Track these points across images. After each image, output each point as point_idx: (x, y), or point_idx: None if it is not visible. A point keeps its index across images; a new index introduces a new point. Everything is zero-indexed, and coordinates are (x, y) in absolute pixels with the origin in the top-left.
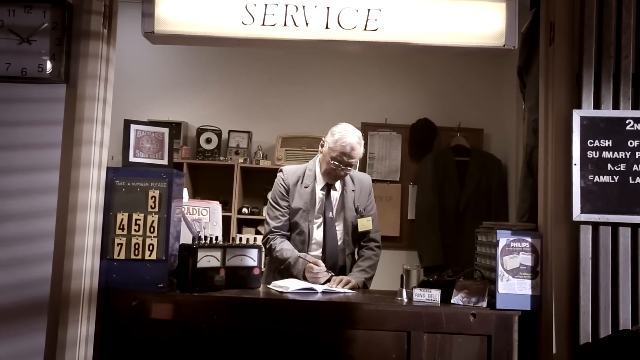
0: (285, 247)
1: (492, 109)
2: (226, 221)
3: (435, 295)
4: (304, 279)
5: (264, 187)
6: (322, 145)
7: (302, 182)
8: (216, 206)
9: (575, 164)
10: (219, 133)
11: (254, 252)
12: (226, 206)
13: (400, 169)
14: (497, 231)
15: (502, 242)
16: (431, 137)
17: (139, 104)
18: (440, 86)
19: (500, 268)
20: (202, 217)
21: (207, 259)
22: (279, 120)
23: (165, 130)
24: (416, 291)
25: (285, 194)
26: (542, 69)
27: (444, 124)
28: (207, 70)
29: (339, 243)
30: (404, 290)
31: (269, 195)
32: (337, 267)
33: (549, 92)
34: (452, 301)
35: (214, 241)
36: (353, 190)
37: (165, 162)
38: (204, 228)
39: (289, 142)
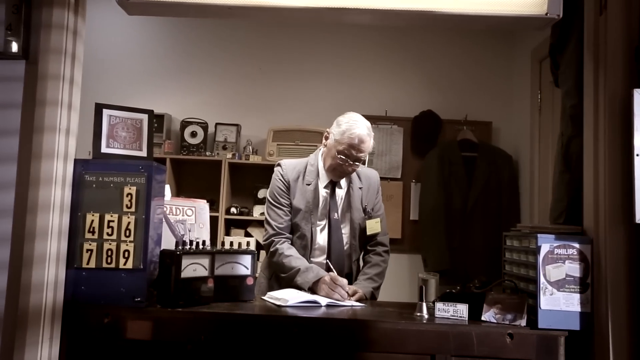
0: (294, 255)
1: (502, 100)
2: (213, 222)
3: (461, 310)
4: (311, 291)
5: (254, 184)
6: (327, 138)
7: (303, 179)
8: (203, 205)
9: (637, 155)
10: (205, 126)
11: (246, 259)
12: (213, 206)
13: (402, 166)
14: (538, 236)
15: (544, 248)
16: (435, 130)
17: (116, 94)
18: (445, 76)
19: (542, 279)
20: (187, 218)
21: (193, 268)
22: (270, 113)
23: (144, 117)
24: (439, 306)
25: (286, 190)
26: (588, 43)
27: (449, 116)
28: (193, 57)
29: (345, 248)
30: (424, 305)
31: (267, 194)
32: (342, 275)
33: (599, 70)
34: (482, 318)
35: (200, 246)
36: (360, 188)
37: (143, 153)
38: (189, 231)
39: (281, 136)
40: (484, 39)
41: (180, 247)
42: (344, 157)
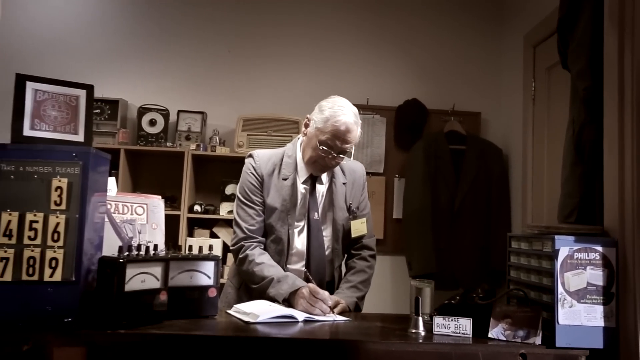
0: (267, 262)
1: (492, 89)
2: (174, 222)
3: (465, 326)
4: (288, 303)
5: (222, 179)
6: (307, 125)
7: (279, 173)
8: (157, 202)
9: None
10: (165, 114)
11: (209, 266)
12: (174, 203)
13: (385, 159)
14: (556, 237)
15: (563, 252)
16: (421, 121)
17: (61, 76)
18: (432, 62)
19: (560, 289)
20: (138, 217)
21: (141, 278)
22: (239, 99)
23: (81, 93)
24: (438, 320)
25: (258, 186)
26: (610, 11)
27: (436, 106)
28: (152, 36)
29: (327, 253)
30: (420, 320)
31: (237, 190)
32: (323, 284)
33: (624, 43)
34: (489, 335)
35: (151, 251)
36: (344, 184)
37: (80, 138)
38: (140, 233)
39: (252, 126)
40: (473, 22)
41: (124, 253)
42: (326, 149)
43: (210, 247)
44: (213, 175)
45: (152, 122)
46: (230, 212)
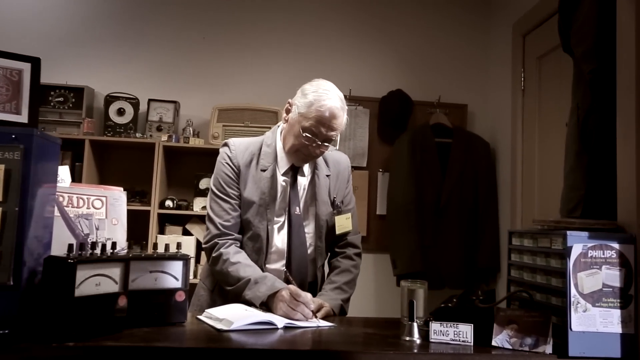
0: (242, 261)
1: (479, 80)
2: (144, 218)
3: (465, 333)
4: (266, 307)
5: (195, 173)
6: (288, 111)
7: (257, 163)
8: (118, 195)
9: None
10: (135, 103)
11: (176, 267)
12: (144, 198)
13: (368, 153)
14: (568, 234)
15: (576, 249)
16: (406, 113)
17: None
18: (416, 52)
19: (572, 291)
20: (95, 211)
21: (96, 281)
22: (214, 89)
23: (25, 67)
24: (435, 327)
25: (234, 177)
26: None
27: (420, 97)
28: (122, 20)
29: (309, 251)
30: (415, 326)
31: (211, 182)
32: (305, 285)
33: None
34: (493, 343)
35: (108, 250)
36: (327, 176)
37: (22, 118)
38: (97, 229)
39: (227, 116)
40: (459, 11)
41: (76, 252)
42: (310, 136)
43: (179, 245)
44: (186, 168)
45: (121, 112)
46: (205, 207)
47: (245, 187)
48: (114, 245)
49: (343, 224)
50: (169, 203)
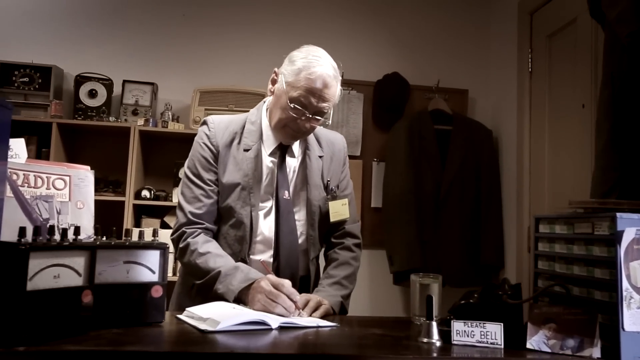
0: (212, 251)
1: (480, 63)
2: (118, 209)
3: (494, 333)
4: (242, 302)
5: (175, 161)
6: (274, 81)
7: (239, 143)
8: (84, 174)
9: None
10: (108, 84)
11: (152, 257)
12: (118, 188)
13: (362, 140)
14: (619, 216)
15: (628, 235)
16: (403, 98)
17: None
18: (414, 32)
19: (624, 283)
20: (57, 192)
21: (54, 272)
22: (195, 70)
23: None
24: (458, 326)
25: (212, 160)
26: None
27: (418, 82)
28: None
29: (300, 241)
30: (434, 325)
31: (185, 165)
32: (296, 280)
33: None
34: (528, 345)
35: (70, 236)
36: (320, 157)
37: None
38: (59, 213)
39: (210, 99)
40: None
41: (29, 238)
42: (299, 108)
43: (155, 233)
44: (164, 156)
45: (92, 94)
46: None
47: (225, 169)
48: (77, 230)
49: (338, 210)
50: (145, 193)
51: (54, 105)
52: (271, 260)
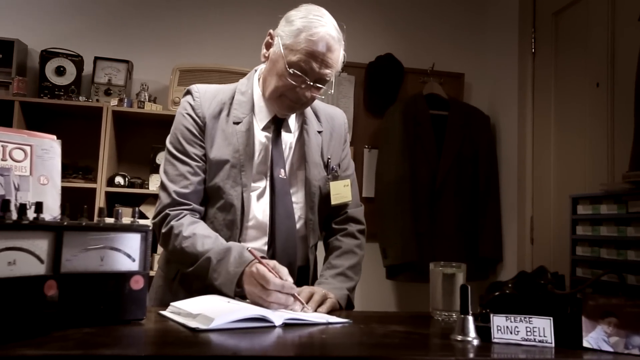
0: (199, 232)
1: (476, 45)
2: (88, 197)
3: (542, 329)
4: (239, 294)
5: (152, 145)
6: (269, 45)
7: (228, 115)
8: (49, 144)
9: None
10: (78, 61)
11: (131, 242)
12: (89, 174)
13: (353, 126)
14: None
15: None
16: (396, 81)
17: None
18: (407, 12)
19: None
20: (15, 164)
21: (8, 258)
22: (175, 47)
23: None
24: (499, 322)
25: (198, 132)
26: None
27: (412, 64)
28: None
29: (298, 226)
30: (471, 321)
31: (167, 140)
32: (294, 271)
33: None
34: (584, 344)
35: (30, 214)
36: (319, 132)
37: None
38: (17, 189)
39: (190, 79)
40: None
41: None
42: (299, 74)
43: (135, 212)
44: (141, 140)
45: (60, 71)
46: None
47: (213, 144)
48: (39, 206)
49: (340, 192)
50: (119, 180)
51: (16, 82)
52: (265, 248)
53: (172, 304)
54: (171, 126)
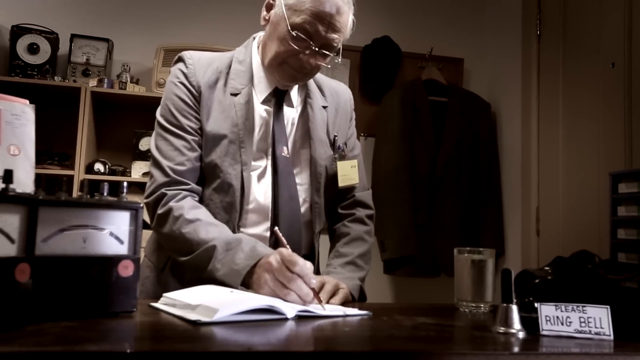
0: (203, 218)
1: (476, 28)
2: (65, 184)
3: (598, 319)
4: (248, 285)
5: (134, 130)
6: (270, 7)
7: (225, 85)
8: (21, 109)
9: None
10: (53, 38)
11: (120, 220)
12: (66, 161)
13: None
14: None
15: None
16: (394, 65)
17: None
18: None
19: None
20: None
21: None
22: (158, 26)
23: None
24: (547, 311)
25: (192, 103)
26: None
27: (410, 48)
28: None
29: (303, 210)
30: (515, 311)
31: (158, 113)
32: None
33: None
34: None
35: None
36: (324, 107)
37: None
38: None
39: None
40: None
41: None
42: (303, 37)
43: (122, 188)
44: (122, 124)
45: (33, 49)
46: (146, 173)
47: (209, 116)
48: (8, 175)
49: (348, 173)
50: (99, 167)
51: None
52: (267, 234)
53: (165, 294)
54: (156, 110)
